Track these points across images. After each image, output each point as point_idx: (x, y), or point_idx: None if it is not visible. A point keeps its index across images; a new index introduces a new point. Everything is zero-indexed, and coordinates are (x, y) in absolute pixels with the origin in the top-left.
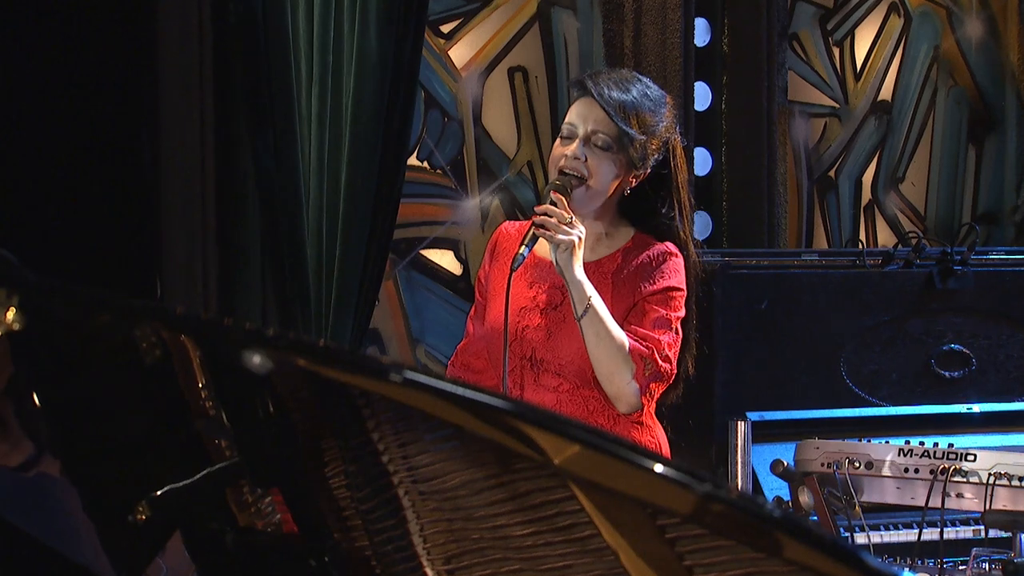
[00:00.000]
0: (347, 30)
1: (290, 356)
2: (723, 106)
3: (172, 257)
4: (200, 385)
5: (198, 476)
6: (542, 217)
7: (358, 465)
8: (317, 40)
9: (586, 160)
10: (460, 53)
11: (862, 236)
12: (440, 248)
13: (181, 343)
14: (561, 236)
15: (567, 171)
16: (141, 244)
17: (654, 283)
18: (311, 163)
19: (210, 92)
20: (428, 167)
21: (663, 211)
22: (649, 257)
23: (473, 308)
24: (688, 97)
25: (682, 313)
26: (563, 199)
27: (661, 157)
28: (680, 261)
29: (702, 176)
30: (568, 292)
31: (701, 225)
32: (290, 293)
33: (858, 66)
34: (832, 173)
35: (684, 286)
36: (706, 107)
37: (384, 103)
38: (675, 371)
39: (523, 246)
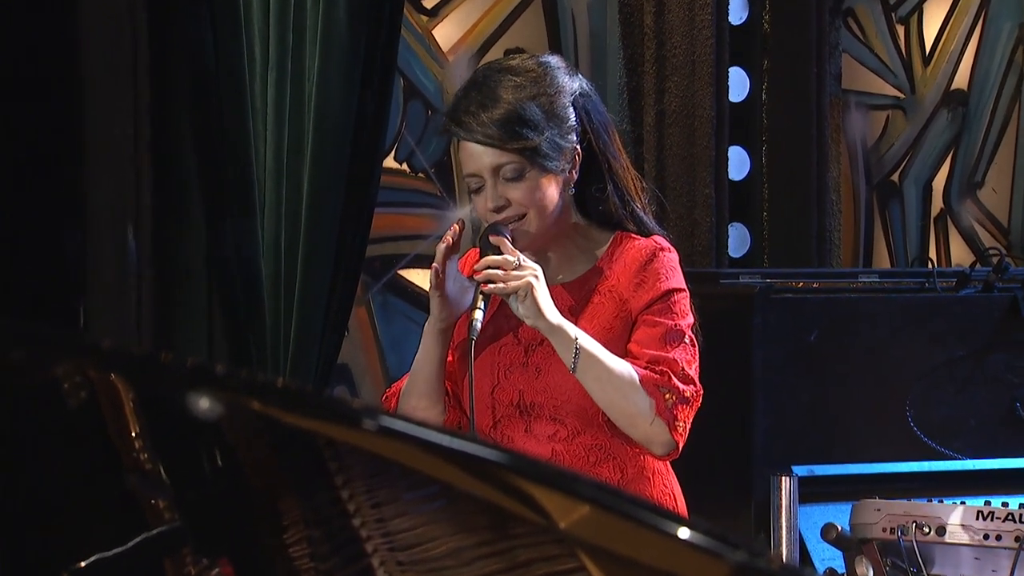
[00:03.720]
0: (311, 2)
1: (242, 398)
2: (764, 96)
3: (99, 278)
4: (134, 434)
5: (131, 543)
6: (484, 273)
7: (324, 530)
8: (274, 15)
9: (508, 200)
10: (446, 32)
11: (932, 253)
12: (422, 267)
13: (111, 383)
14: (513, 283)
15: (503, 222)
16: (61, 261)
17: (648, 289)
18: (267, 164)
19: (145, 78)
20: (408, 170)
21: (593, 190)
22: (635, 258)
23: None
24: (721, 86)
25: (691, 319)
26: (504, 240)
27: (579, 126)
28: (673, 256)
29: (738, 181)
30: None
31: (737, 240)
32: (242, 322)
33: (927, 48)
34: (895, 177)
35: (684, 285)
36: (743, 97)
37: (355, 92)
38: (700, 389)
39: (475, 310)
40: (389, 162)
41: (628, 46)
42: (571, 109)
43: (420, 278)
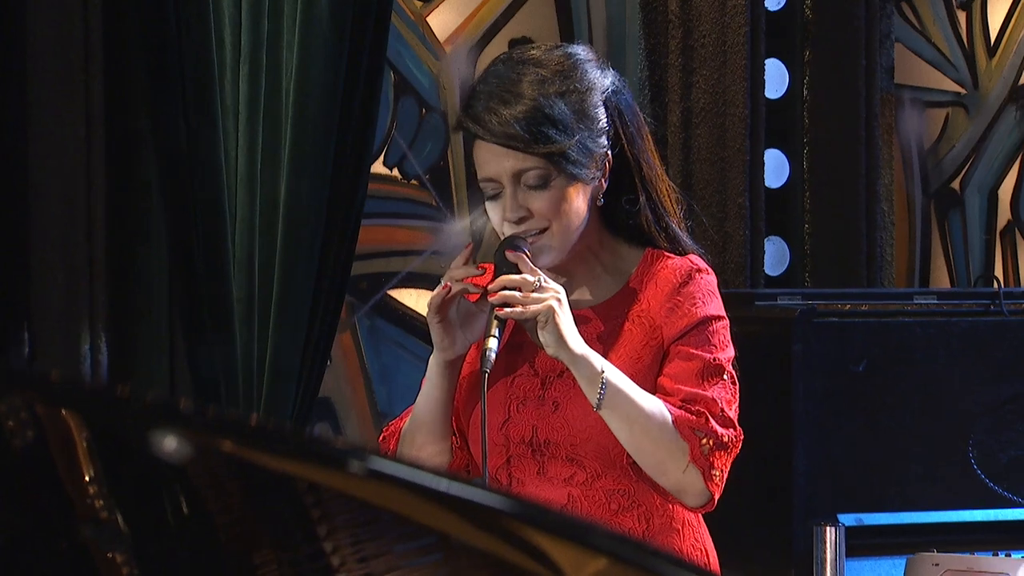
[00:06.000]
0: None
1: (210, 438)
2: (805, 93)
3: (46, 298)
4: (88, 478)
5: None
6: (500, 295)
7: None
8: (247, 1)
9: (529, 210)
10: (443, 20)
11: (998, 271)
12: (415, 287)
13: (61, 421)
14: (533, 308)
15: (520, 236)
16: (3, 280)
17: (682, 316)
18: (238, 170)
19: (99, 72)
20: (399, 176)
21: (623, 202)
22: (668, 280)
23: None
24: (756, 81)
25: (731, 351)
26: (522, 257)
27: (610, 129)
28: (711, 279)
29: (776, 188)
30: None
31: (775, 256)
32: (209, 350)
33: (992, 37)
34: (956, 184)
35: (724, 312)
36: (781, 94)
37: (339, 88)
38: (741, 434)
39: (489, 338)
40: (378, 167)
41: (650, 35)
42: (602, 109)
43: (412, 299)
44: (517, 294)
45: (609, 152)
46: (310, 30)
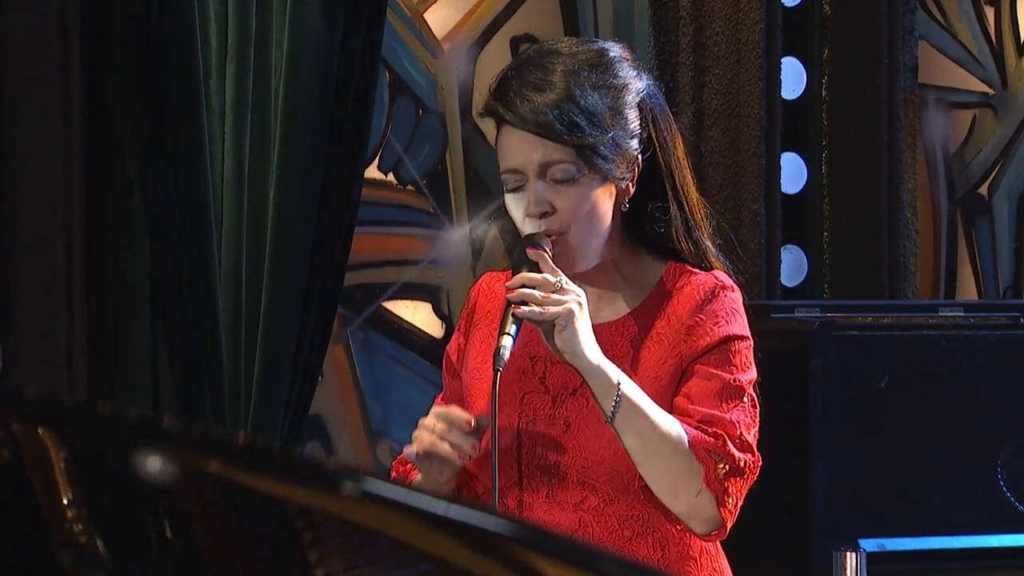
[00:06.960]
0: None
1: (196, 458)
2: (824, 93)
3: (22, 313)
4: (66, 500)
5: None
6: (519, 292)
7: None
8: None
9: (553, 207)
10: (441, 17)
11: None
12: (412, 298)
13: (38, 440)
14: (553, 309)
15: (542, 234)
16: None
17: (704, 334)
18: (225, 175)
19: (78, 72)
20: (395, 182)
21: (651, 209)
22: (691, 296)
23: (440, 396)
24: (772, 81)
25: (753, 373)
26: (544, 255)
27: (643, 132)
28: (736, 297)
29: (793, 194)
30: (586, 383)
31: (792, 265)
32: (194, 364)
33: (1021, 34)
34: (984, 189)
35: (748, 332)
36: (799, 94)
37: (331, 88)
38: (759, 460)
39: (504, 335)
40: (372, 172)
41: (659, 33)
42: (636, 110)
43: (408, 311)
44: (537, 293)
45: (640, 156)
46: (300, 27)
